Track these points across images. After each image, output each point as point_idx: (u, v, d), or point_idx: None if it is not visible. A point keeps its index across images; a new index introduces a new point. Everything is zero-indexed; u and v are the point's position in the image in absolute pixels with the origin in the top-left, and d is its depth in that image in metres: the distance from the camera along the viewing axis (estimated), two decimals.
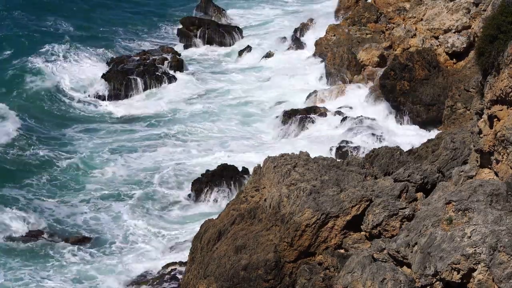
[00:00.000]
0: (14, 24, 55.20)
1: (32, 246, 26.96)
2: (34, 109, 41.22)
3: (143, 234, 28.18)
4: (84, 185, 32.25)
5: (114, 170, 33.68)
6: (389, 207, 16.96)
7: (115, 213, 29.79)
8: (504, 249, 12.54)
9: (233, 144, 36.69)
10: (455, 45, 37.80)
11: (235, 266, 18.25)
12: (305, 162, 20.54)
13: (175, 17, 61.73)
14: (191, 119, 40.62)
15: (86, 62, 48.87)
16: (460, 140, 22.03)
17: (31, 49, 49.94)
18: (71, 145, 36.62)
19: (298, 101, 41.13)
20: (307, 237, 17.47)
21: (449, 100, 33.32)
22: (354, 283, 14.40)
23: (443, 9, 39.65)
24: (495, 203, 13.41)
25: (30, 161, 34.15)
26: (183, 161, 34.87)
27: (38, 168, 33.50)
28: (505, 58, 14.92)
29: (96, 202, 30.73)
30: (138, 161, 34.84)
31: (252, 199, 20.73)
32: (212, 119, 40.57)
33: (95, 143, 36.90)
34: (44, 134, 37.88)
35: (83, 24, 57.78)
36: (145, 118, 41.09)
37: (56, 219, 29.15)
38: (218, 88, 45.49)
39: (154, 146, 36.83)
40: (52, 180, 32.57)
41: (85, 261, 26.21)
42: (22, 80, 44.19)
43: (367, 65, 41.05)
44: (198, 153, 35.66)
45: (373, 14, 46.01)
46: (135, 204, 30.46)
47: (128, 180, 32.82)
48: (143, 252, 26.92)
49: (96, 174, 33.38)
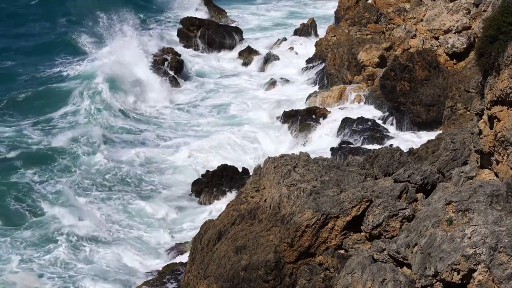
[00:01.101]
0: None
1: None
2: (32, 109, 41.33)
3: (143, 234, 28.18)
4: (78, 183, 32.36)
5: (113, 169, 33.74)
6: (389, 208, 16.96)
7: (114, 212, 29.79)
8: (504, 250, 12.55)
9: (233, 144, 36.72)
10: (455, 46, 37.82)
11: (235, 266, 18.25)
12: (305, 163, 20.54)
13: (175, 17, 61.74)
14: (191, 119, 40.64)
15: (86, 62, 48.98)
16: (460, 141, 22.04)
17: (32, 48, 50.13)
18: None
19: (298, 102, 41.14)
20: (307, 237, 17.47)
21: (449, 101, 33.32)
22: (354, 284, 14.40)
23: (443, 10, 39.68)
24: (495, 204, 13.40)
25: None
26: (183, 161, 34.89)
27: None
28: (505, 58, 14.92)
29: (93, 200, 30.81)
30: (138, 160, 34.87)
31: (252, 200, 20.73)
32: (211, 119, 40.59)
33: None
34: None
35: (83, 24, 57.78)
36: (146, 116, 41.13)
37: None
38: (218, 88, 45.49)
39: (155, 146, 36.85)
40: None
41: (85, 260, 26.21)
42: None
43: (367, 65, 41.06)
44: (198, 153, 35.68)
45: (373, 15, 46.02)
46: (135, 204, 30.47)
47: (128, 179, 32.83)
48: (143, 252, 26.92)
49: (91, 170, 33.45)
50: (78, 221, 28.50)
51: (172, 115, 41.81)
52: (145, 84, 44.35)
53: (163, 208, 30.23)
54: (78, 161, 34.04)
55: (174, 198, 31.29)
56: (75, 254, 26.55)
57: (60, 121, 39.23)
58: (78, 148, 35.06)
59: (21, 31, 56.53)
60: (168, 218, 29.65)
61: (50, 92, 43.28)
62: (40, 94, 43.02)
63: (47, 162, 33.79)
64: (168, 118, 41.31)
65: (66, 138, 35.88)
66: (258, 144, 36.46)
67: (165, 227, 28.80)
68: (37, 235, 27.40)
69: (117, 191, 31.76)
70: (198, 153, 35.52)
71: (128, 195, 31.26)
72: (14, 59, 49.67)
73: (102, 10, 54.40)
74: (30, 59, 49.76)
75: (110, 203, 30.61)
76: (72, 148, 35.08)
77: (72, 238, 27.49)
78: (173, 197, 31.33)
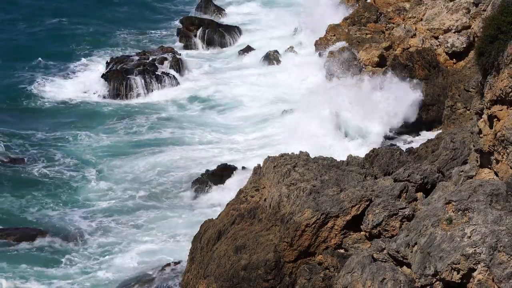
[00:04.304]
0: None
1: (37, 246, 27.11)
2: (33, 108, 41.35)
3: (143, 234, 28.18)
4: (84, 184, 32.35)
5: (113, 168, 33.76)
6: (389, 207, 16.96)
7: (113, 212, 29.79)
8: (504, 249, 12.55)
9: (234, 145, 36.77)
10: (455, 45, 37.82)
11: (235, 266, 18.25)
12: (305, 162, 20.55)
13: (175, 17, 61.71)
14: (190, 119, 40.62)
15: (85, 62, 48.95)
16: (460, 140, 22.05)
17: (32, 48, 50.12)
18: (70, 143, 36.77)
19: (298, 99, 41.10)
20: (307, 237, 17.47)
21: (449, 100, 33.34)
22: (354, 283, 14.41)
23: (443, 9, 39.67)
24: (495, 203, 13.41)
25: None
26: (183, 161, 34.88)
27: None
28: (505, 58, 14.93)
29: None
30: (138, 159, 34.87)
31: (252, 199, 20.73)
32: (212, 119, 40.57)
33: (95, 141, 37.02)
34: (43, 132, 38.00)
35: (82, 24, 57.79)
36: (145, 117, 41.11)
37: (61, 217, 29.24)
38: (217, 89, 45.44)
39: (155, 145, 36.84)
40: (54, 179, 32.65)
41: (84, 260, 26.22)
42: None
43: (367, 65, 41.04)
44: (198, 153, 35.68)
45: (373, 14, 45.97)
46: (135, 204, 30.48)
47: (128, 179, 32.85)
48: (143, 252, 26.91)
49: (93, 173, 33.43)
50: (77, 220, 28.54)
51: (171, 113, 41.79)
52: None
53: (163, 208, 30.23)
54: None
55: (174, 197, 31.27)
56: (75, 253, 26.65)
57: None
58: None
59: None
60: (168, 218, 29.64)
61: None
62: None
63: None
64: (167, 117, 41.30)
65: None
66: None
67: (165, 227, 28.79)
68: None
69: (116, 190, 31.76)
70: (198, 153, 35.59)
71: (127, 195, 31.26)
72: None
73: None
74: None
75: (109, 202, 30.61)
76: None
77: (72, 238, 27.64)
78: (173, 197, 31.31)
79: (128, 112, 41.69)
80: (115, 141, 37.31)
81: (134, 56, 48.48)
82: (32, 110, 41.69)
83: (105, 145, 36.66)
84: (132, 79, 44.95)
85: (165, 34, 57.52)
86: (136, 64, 46.74)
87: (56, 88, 44.69)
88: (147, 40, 55.47)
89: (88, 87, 44.73)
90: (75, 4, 63.33)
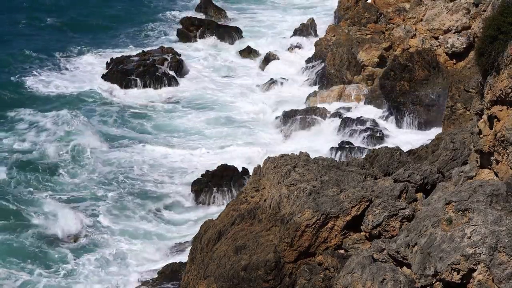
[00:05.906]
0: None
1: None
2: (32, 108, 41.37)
3: (143, 234, 28.18)
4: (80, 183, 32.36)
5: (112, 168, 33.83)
6: (389, 208, 16.96)
7: (113, 212, 29.79)
8: (504, 250, 12.55)
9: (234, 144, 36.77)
10: (455, 46, 37.85)
11: (235, 266, 18.25)
12: (305, 163, 20.53)
13: (175, 17, 61.74)
14: (190, 119, 40.62)
15: (85, 62, 48.97)
16: (460, 141, 22.04)
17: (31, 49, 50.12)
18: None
19: (298, 101, 41.13)
20: (307, 237, 17.47)
21: (449, 101, 33.34)
22: (354, 284, 14.40)
23: (443, 10, 39.70)
24: (495, 204, 13.40)
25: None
26: (182, 160, 34.89)
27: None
28: (505, 58, 14.92)
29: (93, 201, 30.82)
30: (138, 159, 34.87)
31: (252, 200, 20.73)
32: (211, 119, 40.58)
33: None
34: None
35: (82, 24, 57.83)
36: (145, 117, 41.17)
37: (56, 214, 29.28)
38: (217, 89, 45.46)
39: (155, 145, 36.86)
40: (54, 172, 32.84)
41: (85, 261, 26.22)
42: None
43: (367, 65, 41.07)
44: (198, 153, 35.69)
45: (373, 15, 46.02)
46: (135, 204, 30.47)
47: (127, 179, 32.83)
48: (143, 252, 26.91)
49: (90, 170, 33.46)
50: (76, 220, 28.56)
51: (171, 114, 41.80)
52: None
53: (163, 208, 30.25)
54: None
55: (174, 197, 31.27)
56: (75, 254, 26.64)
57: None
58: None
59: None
60: (168, 218, 29.65)
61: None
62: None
63: None
64: (166, 117, 41.31)
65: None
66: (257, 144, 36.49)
67: (165, 227, 28.79)
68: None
69: (116, 190, 31.76)
70: (197, 153, 35.60)
71: (127, 194, 31.26)
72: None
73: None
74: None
75: (108, 202, 30.61)
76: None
77: (71, 238, 27.62)
78: (173, 197, 31.31)
79: (128, 112, 41.72)
80: (115, 141, 37.34)
81: (134, 56, 48.52)
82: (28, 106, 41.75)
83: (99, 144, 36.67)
84: (132, 79, 44.99)
85: (165, 34, 57.57)
86: (136, 64, 46.78)
87: (54, 88, 44.68)
88: (147, 41, 55.52)
89: (88, 87, 44.75)
90: (75, 2, 63.39)
